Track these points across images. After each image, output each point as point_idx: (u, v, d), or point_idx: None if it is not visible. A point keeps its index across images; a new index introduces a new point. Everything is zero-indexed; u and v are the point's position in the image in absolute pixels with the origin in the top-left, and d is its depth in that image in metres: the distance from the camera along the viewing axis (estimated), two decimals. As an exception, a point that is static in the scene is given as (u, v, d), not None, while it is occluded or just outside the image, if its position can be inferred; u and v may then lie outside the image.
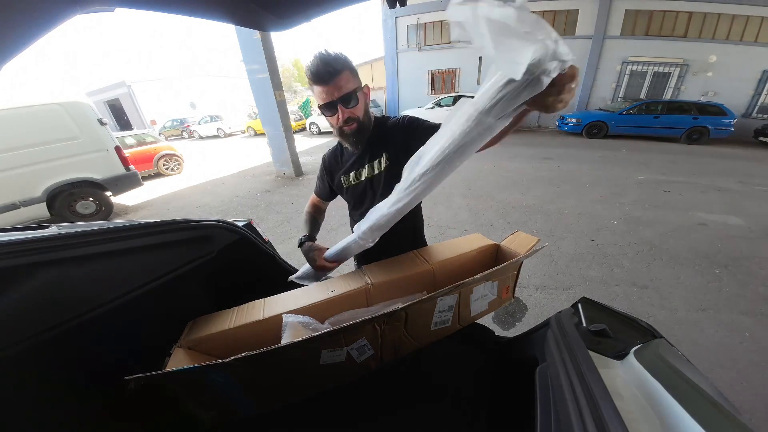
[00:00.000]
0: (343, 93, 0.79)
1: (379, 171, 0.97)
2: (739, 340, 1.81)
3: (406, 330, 0.82)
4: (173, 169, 7.28)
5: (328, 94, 0.79)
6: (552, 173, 5.27)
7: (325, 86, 0.78)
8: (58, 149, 3.89)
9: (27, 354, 0.62)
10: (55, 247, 0.66)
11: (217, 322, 0.82)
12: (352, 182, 1.00)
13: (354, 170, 0.99)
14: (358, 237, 0.83)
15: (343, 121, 0.84)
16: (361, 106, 0.86)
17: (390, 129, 1.00)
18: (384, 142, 0.97)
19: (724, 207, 3.82)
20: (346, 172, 1.01)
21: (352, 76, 0.82)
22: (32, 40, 0.43)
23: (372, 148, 0.97)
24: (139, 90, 17.95)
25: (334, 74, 0.77)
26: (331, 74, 0.77)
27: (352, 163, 0.99)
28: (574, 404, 0.45)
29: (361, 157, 0.98)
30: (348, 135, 0.88)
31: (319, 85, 0.78)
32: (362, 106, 0.87)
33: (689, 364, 0.61)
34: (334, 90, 0.79)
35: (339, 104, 0.81)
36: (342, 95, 0.80)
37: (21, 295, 0.62)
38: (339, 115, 0.83)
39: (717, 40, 9.02)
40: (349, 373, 0.81)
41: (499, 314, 2.04)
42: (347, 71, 0.80)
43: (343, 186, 1.03)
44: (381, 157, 0.96)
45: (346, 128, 0.86)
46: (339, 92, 0.79)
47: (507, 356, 1.05)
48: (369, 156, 0.97)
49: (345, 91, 0.80)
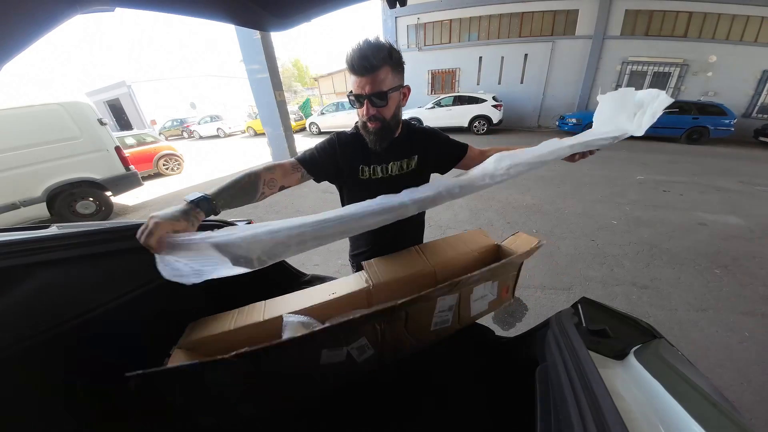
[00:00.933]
0: (374, 90, 0.76)
1: (407, 170, 0.96)
2: (739, 340, 1.81)
3: (406, 330, 0.82)
4: (173, 169, 7.28)
5: (359, 87, 0.76)
6: (552, 173, 5.27)
7: (358, 77, 0.75)
8: (58, 149, 3.89)
9: (27, 354, 0.62)
10: (55, 247, 0.66)
11: (217, 324, 0.82)
12: (379, 175, 0.93)
13: (377, 163, 0.93)
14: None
15: (367, 117, 0.82)
16: (390, 107, 0.83)
17: (418, 134, 0.99)
18: (413, 144, 0.97)
19: (724, 207, 3.82)
20: (367, 162, 0.93)
21: (391, 73, 0.77)
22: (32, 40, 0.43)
23: (401, 147, 0.95)
24: (139, 90, 17.95)
25: (369, 69, 0.74)
26: (366, 69, 0.74)
27: (376, 155, 0.92)
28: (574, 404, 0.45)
29: (387, 152, 0.93)
30: (370, 131, 0.86)
31: (353, 74, 0.75)
32: (392, 107, 0.83)
33: (689, 364, 0.61)
34: (367, 84, 0.75)
35: (367, 100, 0.78)
36: (372, 92, 0.76)
37: (21, 295, 0.62)
38: (365, 110, 0.80)
39: (717, 40, 9.01)
40: (349, 373, 0.81)
41: (499, 314, 2.04)
42: (387, 67, 0.75)
43: (360, 177, 0.93)
44: (411, 158, 0.96)
45: (370, 125, 0.84)
46: (370, 88, 0.76)
47: (507, 356, 1.05)
48: (398, 153, 0.94)
49: (377, 89, 0.76)
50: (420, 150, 0.98)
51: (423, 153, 0.98)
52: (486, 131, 9.70)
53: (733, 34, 8.91)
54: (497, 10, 10.48)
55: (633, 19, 9.47)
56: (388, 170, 0.94)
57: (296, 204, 4.36)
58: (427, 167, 1.02)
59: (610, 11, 9.43)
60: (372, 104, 0.79)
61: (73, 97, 4.02)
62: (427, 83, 12.45)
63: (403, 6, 0.74)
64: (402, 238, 1.05)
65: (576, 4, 9.71)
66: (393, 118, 0.85)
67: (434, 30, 11.66)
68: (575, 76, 10.42)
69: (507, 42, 10.82)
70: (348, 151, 0.92)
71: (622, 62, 9.95)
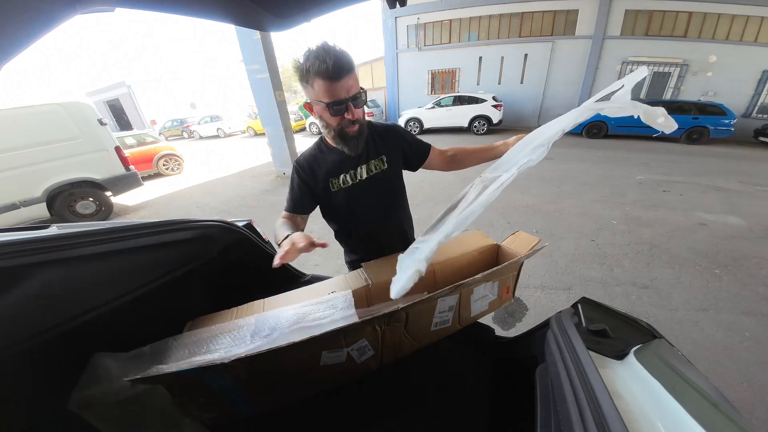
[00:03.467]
0: (353, 92, 0.76)
1: (377, 171, 0.96)
2: (739, 340, 1.81)
3: (406, 330, 0.82)
4: (173, 169, 7.28)
5: (339, 92, 0.74)
6: (552, 173, 5.27)
7: (336, 82, 0.72)
8: (58, 149, 3.89)
9: (27, 354, 0.62)
10: (55, 247, 0.66)
11: (216, 322, 0.82)
12: (349, 182, 0.94)
13: (347, 171, 0.93)
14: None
15: (348, 122, 0.80)
16: (362, 108, 0.84)
17: (383, 132, 1.00)
18: (379, 145, 0.97)
19: (724, 207, 3.82)
20: (335, 174, 0.92)
21: (357, 75, 0.78)
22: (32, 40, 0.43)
23: (368, 149, 0.95)
24: (139, 90, 17.95)
25: (346, 71, 0.73)
26: (345, 70, 0.72)
27: (343, 164, 0.92)
28: (574, 404, 0.45)
29: (355, 158, 0.92)
30: (350, 137, 0.84)
31: (330, 80, 0.72)
32: (363, 108, 0.85)
33: (689, 364, 0.61)
34: (346, 87, 0.74)
35: (350, 103, 0.76)
36: (353, 94, 0.76)
37: (21, 295, 0.62)
38: (347, 115, 0.78)
39: (717, 40, 9.01)
40: (349, 373, 0.80)
41: (499, 314, 2.04)
42: (355, 71, 0.77)
43: (332, 190, 0.94)
44: (378, 158, 0.96)
45: (349, 130, 0.82)
46: (350, 91, 0.75)
47: (507, 356, 1.05)
48: (366, 156, 0.94)
49: (355, 90, 0.76)
50: (386, 149, 0.97)
51: (390, 151, 0.98)
52: (486, 131, 9.71)
53: (733, 34, 8.91)
54: (497, 10, 10.48)
55: (633, 19, 9.47)
56: (357, 175, 0.94)
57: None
58: (397, 166, 1.02)
59: (610, 11, 9.43)
60: (355, 106, 0.79)
61: (73, 97, 4.02)
62: (427, 83, 12.45)
63: (403, 6, 0.74)
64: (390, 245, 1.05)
65: (576, 4, 9.71)
66: (364, 117, 0.88)
67: (434, 30, 11.66)
68: (575, 76, 10.42)
69: (507, 42, 10.83)
70: (311, 173, 0.94)
71: (622, 62, 9.95)
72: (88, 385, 0.66)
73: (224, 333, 0.76)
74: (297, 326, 0.74)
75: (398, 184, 1.05)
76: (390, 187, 1.01)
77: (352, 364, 0.77)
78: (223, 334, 0.76)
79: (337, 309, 0.77)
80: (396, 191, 1.04)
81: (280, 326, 0.75)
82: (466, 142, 8.66)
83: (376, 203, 0.99)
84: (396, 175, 1.03)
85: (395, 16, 11.73)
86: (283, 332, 0.73)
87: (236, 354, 0.62)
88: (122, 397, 0.67)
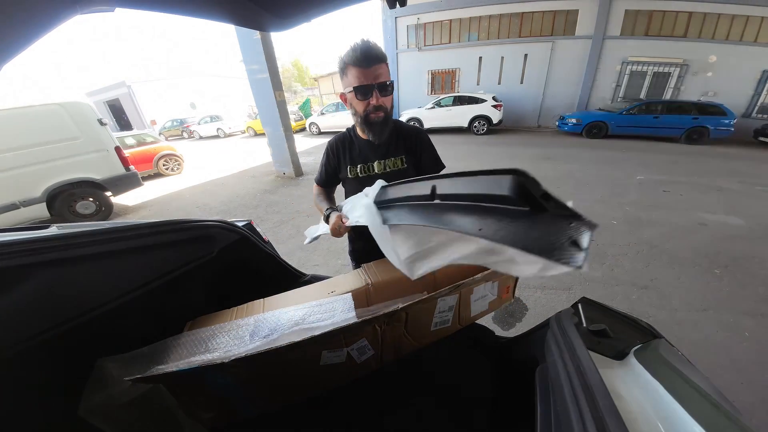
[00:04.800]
0: (381, 80, 0.82)
1: (393, 169, 0.98)
2: (739, 340, 1.81)
3: (406, 330, 0.82)
4: (173, 170, 7.28)
5: (367, 77, 0.81)
6: (552, 173, 5.27)
7: (366, 69, 0.80)
8: (58, 149, 3.89)
9: (27, 354, 0.62)
10: (55, 247, 0.66)
11: (216, 322, 0.82)
12: (359, 174, 1.00)
13: (363, 162, 0.99)
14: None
15: (373, 108, 0.86)
16: (391, 99, 0.89)
17: (408, 134, 1.02)
18: (401, 144, 1.00)
19: (724, 207, 3.82)
20: (354, 162, 1.00)
21: (388, 70, 0.85)
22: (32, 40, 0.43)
23: (388, 146, 0.98)
24: (139, 90, 17.95)
25: (377, 60, 0.80)
26: (375, 59, 0.80)
27: (363, 155, 0.99)
28: (574, 404, 0.45)
29: (374, 151, 0.98)
30: (374, 123, 0.89)
31: (360, 67, 0.80)
32: (391, 99, 0.90)
33: (689, 364, 0.61)
34: (374, 74, 0.81)
35: (376, 89, 0.83)
36: (380, 82, 0.82)
37: (21, 295, 0.62)
38: (372, 100, 0.84)
39: (717, 40, 9.01)
40: (349, 373, 0.81)
41: (499, 314, 2.04)
42: (386, 63, 0.84)
43: (349, 176, 1.02)
44: (398, 157, 0.99)
45: (373, 116, 0.88)
46: (378, 78, 0.82)
47: (507, 356, 1.05)
48: (384, 152, 0.98)
49: (383, 79, 0.83)
50: (409, 150, 1.00)
51: (412, 154, 1.01)
52: (486, 131, 9.71)
53: (733, 34, 8.91)
54: (497, 10, 10.48)
55: (633, 19, 9.46)
56: (374, 168, 0.99)
57: (295, 204, 4.36)
58: (413, 169, 1.04)
59: (609, 11, 9.42)
60: (381, 94, 0.84)
61: (73, 97, 4.02)
62: (427, 83, 12.45)
63: (403, 6, 0.74)
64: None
65: (576, 4, 9.70)
66: (392, 109, 0.92)
67: (434, 30, 11.66)
68: (575, 76, 10.41)
69: (507, 42, 10.82)
70: (338, 152, 1.04)
71: (622, 62, 9.94)
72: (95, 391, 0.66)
73: (224, 333, 0.76)
74: (297, 328, 0.75)
75: None
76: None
77: (352, 364, 0.77)
78: (223, 334, 0.76)
79: (337, 312, 0.77)
80: None
81: (280, 328, 0.75)
82: (466, 142, 8.67)
83: None
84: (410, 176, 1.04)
85: (395, 16, 11.73)
86: (283, 333, 0.73)
87: (236, 354, 0.62)
88: (126, 399, 0.67)
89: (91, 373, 0.69)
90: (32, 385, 0.66)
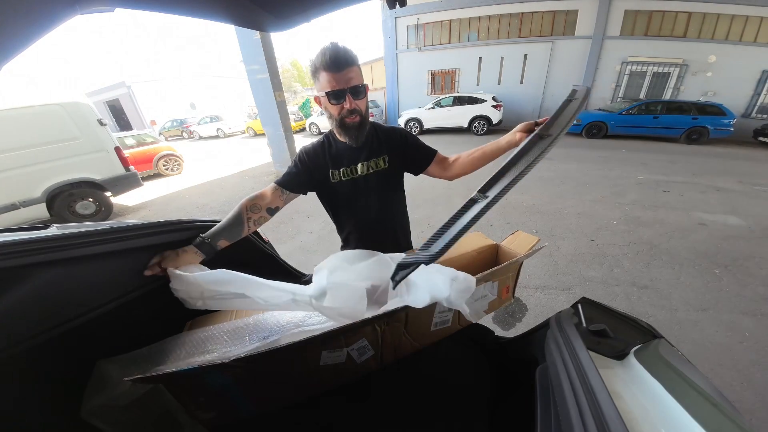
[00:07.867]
0: (353, 84, 0.82)
1: (376, 170, 0.98)
2: (739, 340, 1.81)
3: (406, 330, 0.82)
4: (173, 170, 7.28)
5: (339, 82, 0.80)
6: (552, 173, 5.27)
7: (337, 73, 0.79)
8: (57, 149, 3.89)
9: (27, 354, 0.62)
10: (54, 248, 0.66)
11: (216, 322, 0.82)
12: (348, 176, 0.98)
13: (346, 165, 0.98)
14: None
15: (347, 112, 0.85)
16: (365, 102, 0.89)
17: (387, 133, 1.02)
18: (382, 145, 1.00)
19: (724, 207, 3.82)
20: (336, 166, 0.98)
21: (360, 72, 0.84)
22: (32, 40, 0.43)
23: (370, 147, 0.98)
24: (139, 90, 17.95)
25: (347, 64, 0.80)
26: (346, 63, 0.79)
27: (344, 158, 0.97)
28: (574, 404, 0.45)
29: (356, 153, 0.97)
30: (350, 127, 0.89)
31: (331, 71, 0.79)
32: (366, 101, 0.90)
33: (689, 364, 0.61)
34: (346, 79, 0.80)
35: (348, 93, 0.82)
36: (352, 86, 0.82)
37: (21, 296, 0.62)
38: (346, 105, 0.84)
39: (717, 40, 9.02)
40: (349, 373, 0.80)
41: (499, 314, 2.04)
42: (357, 66, 0.83)
43: (331, 181, 0.99)
44: (380, 157, 0.98)
45: (349, 120, 0.87)
46: (350, 82, 0.81)
47: (507, 356, 1.05)
48: (366, 153, 0.97)
49: (355, 82, 0.82)
50: (388, 149, 1.00)
51: (392, 152, 1.00)
52: (486, 131, 9.71)
53: (732, 34, 8.92)
54: (497, 10, 10.49)
55: (632, 19, 9.47)
56: (356, 170, 0.98)
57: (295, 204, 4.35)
58: (398, 167, 1.04)
59: (609, 11, 9.43)
60: (354, 97, 0.84)
61: (72, 97, 4.02)
62: (427, 83, 12.45)
63: (403, 6, 0.74)
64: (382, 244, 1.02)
65: (576, 5, 9.71)
66: (366, 111, 0.91)
67: (434, 30, 11.66)
68: (575, 76, 10.42)
69: (507, 42, 10.83)
70: (316, 159, 0.98)
71: (621, 62, 9.95)
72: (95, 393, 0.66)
73: (223, 333, 0.76)
74: (296, 330, 0.75)
75: (396, 184, 1.07)
76: (387, 186, 1.03)
77: (352, 364, 0.77)
78: (222, 335, 0.76)
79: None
80: (393, 191, 1.07)
81: (280, 328, 0.75)
82: (466, 142, 8.67)
83: (372, 200, 1.01)
84: (395, 176, 1.05)
85: (395, 16, 11.73)
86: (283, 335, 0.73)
87: (236, 354, 0.62)
88: (126, 400, 0.67)
89: (91, 374, 0.69)
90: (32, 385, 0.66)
